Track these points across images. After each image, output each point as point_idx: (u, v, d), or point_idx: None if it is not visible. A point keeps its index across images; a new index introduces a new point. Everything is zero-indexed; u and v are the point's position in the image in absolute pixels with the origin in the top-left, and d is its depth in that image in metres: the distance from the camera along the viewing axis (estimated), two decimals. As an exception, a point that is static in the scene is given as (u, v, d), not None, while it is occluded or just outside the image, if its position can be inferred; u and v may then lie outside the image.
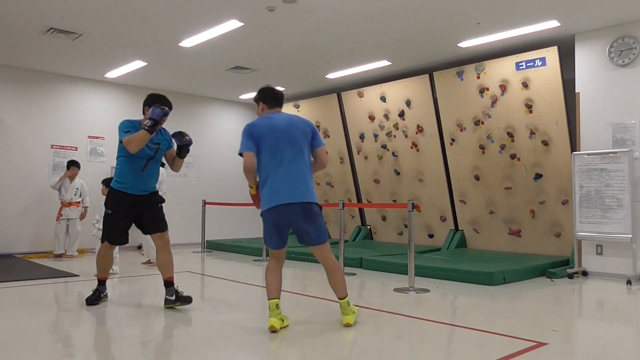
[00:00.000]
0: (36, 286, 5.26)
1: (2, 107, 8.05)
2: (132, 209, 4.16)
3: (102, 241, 4.28)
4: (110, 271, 5.94)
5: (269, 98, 3.73)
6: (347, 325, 3.54)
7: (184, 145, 4.28)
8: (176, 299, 4.14)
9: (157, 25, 6.12)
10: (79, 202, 7.89)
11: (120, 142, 4.04)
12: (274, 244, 3.55)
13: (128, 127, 4.07)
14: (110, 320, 3.91)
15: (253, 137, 3.53)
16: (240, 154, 3.50)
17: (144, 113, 4.14)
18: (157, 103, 4.09)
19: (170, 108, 4.11)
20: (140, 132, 3.95)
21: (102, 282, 4.41)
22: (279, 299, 3.48)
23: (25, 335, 3.38)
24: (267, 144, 3.51)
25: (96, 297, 4.32)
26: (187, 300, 4.14)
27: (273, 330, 3.37)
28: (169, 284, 4.21)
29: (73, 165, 7.86)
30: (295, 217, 3.47)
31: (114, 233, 4.20)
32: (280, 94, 3.78)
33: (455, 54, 7.15)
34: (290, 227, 3.53)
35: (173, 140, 4.33)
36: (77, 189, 7.85)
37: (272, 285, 3.52)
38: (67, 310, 4.31)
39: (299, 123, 3.63)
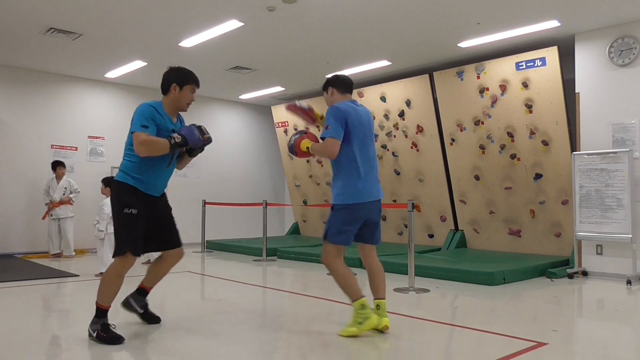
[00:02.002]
0: (36, 286, 5.26)
1: (2, 107, 8.05)
2: (149, 210, 3.34)
3: (120, 253, 3.19)
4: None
5: (340, 83, 3.59)
6: (386, 328, 3.36)
7: (203, 144, 3.51)
8: (144, 315, 3.62)
9: (157, 25, 6.12)
10: (69, 199, 7.87)
11: (131, 133, 3.23)
12: (348, 239, 3.41)
13: (147, 121, 3.24)
14: (110, 320, 3.91)
15: (344, 125, 3.35)
16: (323, 138, 3.33)
17: (168, 90, 3.41)
18: (189, 80, 3.46)
19: (198, 85, 3.58)
20: (162, 142, 3.20)
21: (105, 312, 3.24)
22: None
23: (25, 335, 3.38)
24: (358, 135, 3.40)
25: (117, 336, 3.17)
26: (156, 320, 3.64)
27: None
28: (145, 292, 3.63)
29: (59, 165, 7.86)
30: (377, 213, 3.53)
31: (139, 239, 3.25)
32: (350, 80, 3.66)
33: (455, 54, 7.15)
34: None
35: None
36: (65, 188, 7.84)
37: (356, 282, 3.38)
38: (66, 310, 4.31)
39: (371, 119, 3.61)
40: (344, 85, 3.60)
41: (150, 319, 3.62)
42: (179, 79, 3.42)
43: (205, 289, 5.42)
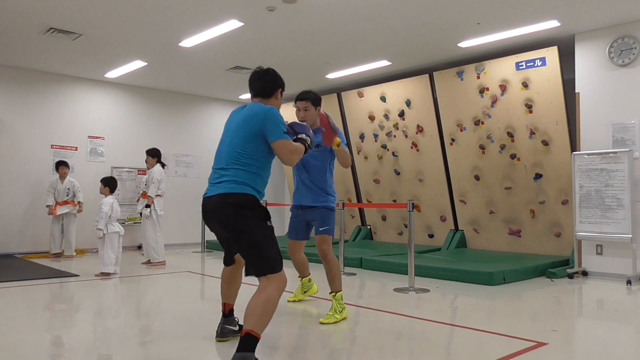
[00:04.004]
0: (36, 286, 5.26)
1: (2, 107, 8.05)
2: None
3: (278, 269, 2.75)
4: (113, 271, 5.99)
5: None
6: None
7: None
8: (240, 329, 3.25)
9: (157, 25, 6.12)
10: (73, 200, 7.89)
11: (274, 140, 2.81)
12: None
13: (285, 127, 2.90)
14: (110, 320, 3.92)
15: None
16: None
17: (271, 94, 3.05)
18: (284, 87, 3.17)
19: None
20: (301, 147, 2.95)
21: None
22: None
23: (26, 335, 3.38)
24: None
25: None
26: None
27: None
28: (232, 311, 3.30)
29: (61, 165, 7.88)
30: None
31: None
32: None
33: (455, 54, 7.15)
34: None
35: None
36: (68, 189, 7.85)
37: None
38: (67, 310, 4.31)
39: None
40: None
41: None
42: (283, 85, 3.12)
43: (205, 289, 5.42)
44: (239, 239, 2.79)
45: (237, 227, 2.77)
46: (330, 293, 3.86)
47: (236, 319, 3.32)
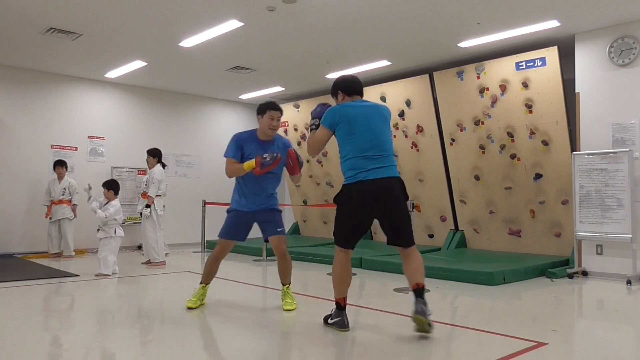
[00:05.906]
0: (36, 286, 5.26)
1: (2, 107, 8.05)
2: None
3: None
4: (112, 272, 5.99)
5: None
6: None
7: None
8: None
9: (157, 25, 6.12)
10: (70, 200, 7.88)
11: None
12: None
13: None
14: (110, 320, 3.92)
15: None
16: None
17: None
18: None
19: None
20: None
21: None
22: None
23: (26, 335, 3.38)
24: None
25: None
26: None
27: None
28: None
29: (58, 165, 7.87)
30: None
31: None
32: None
33: (455, 54, 7.15)
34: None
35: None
36: (64, 188, 7.84)
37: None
38: (66, 310, 4.31)
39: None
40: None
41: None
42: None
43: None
44: (404, 216, 3.43)
45: (404, 206, 3.45)
46: (284, 285, 4.24)
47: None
